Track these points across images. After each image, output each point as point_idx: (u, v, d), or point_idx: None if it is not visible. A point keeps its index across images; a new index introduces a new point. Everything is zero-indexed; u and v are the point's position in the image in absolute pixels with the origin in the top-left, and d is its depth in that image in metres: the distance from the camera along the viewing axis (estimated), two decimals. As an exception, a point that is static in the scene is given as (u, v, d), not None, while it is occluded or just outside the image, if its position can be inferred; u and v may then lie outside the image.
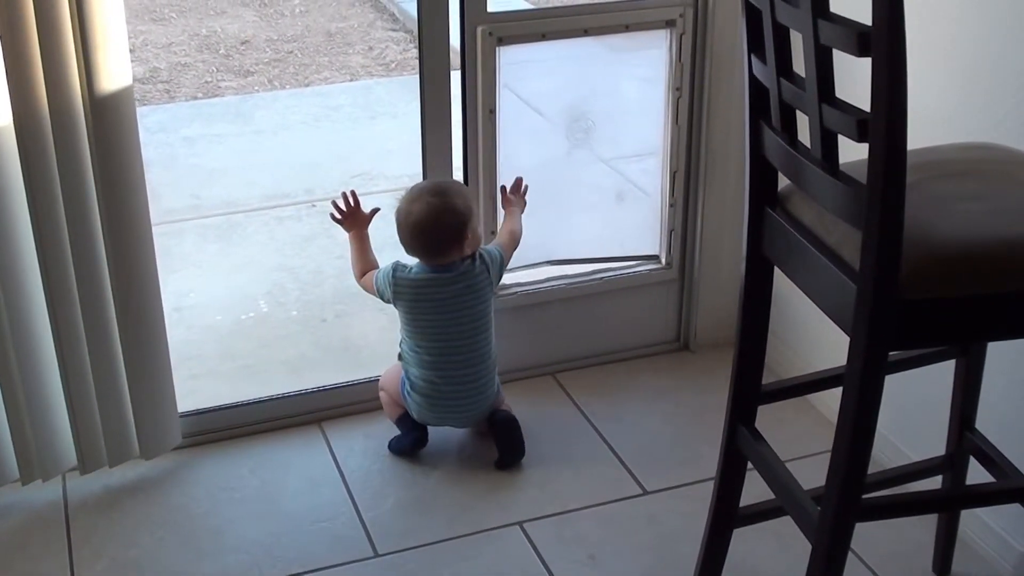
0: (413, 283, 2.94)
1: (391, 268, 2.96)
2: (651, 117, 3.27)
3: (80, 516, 2.84)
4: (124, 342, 2.78)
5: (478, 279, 2.95)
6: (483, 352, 2.99)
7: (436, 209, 2.89)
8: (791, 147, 1.89)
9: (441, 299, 2.93)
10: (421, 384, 2.98)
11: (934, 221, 1.78)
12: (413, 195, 2.93)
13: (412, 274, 2.94)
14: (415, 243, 2.93)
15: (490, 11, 2.98)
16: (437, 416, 3.02)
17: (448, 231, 2.90)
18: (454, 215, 2.90)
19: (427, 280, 2.93)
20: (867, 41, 1.57)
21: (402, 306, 2.96)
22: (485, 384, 3.01)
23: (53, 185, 2.57)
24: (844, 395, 1.81)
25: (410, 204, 2.91)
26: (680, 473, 2.97)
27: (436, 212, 2.89)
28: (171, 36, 7.43)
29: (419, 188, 2.95)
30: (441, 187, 2.94)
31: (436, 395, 2.98)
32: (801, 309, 2.86)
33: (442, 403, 2.99)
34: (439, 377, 2.97)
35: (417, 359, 2.98)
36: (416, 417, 3.03)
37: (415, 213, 2.89)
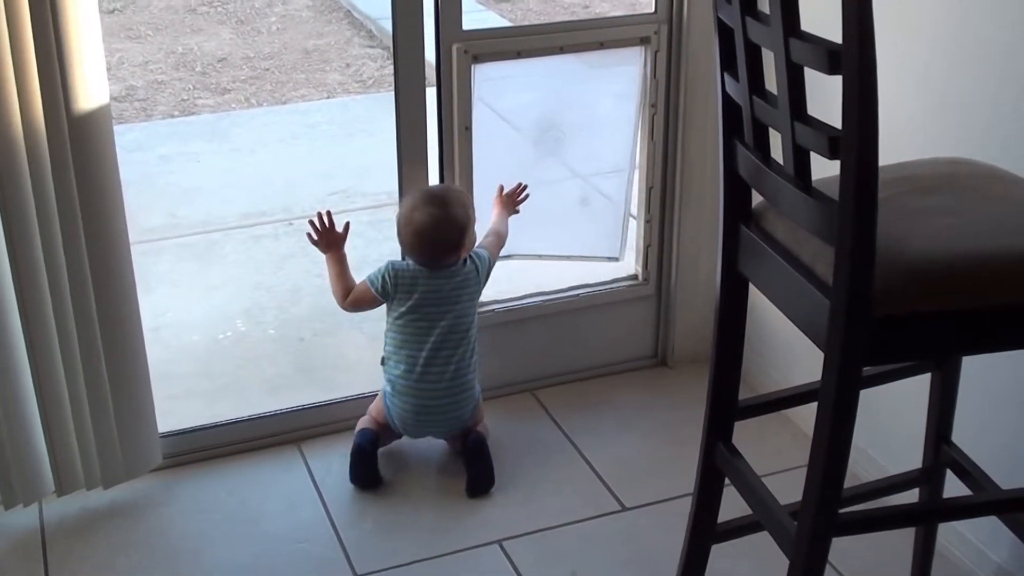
0: (414, 273, 2.97)
1: (388, 264, 3.00)
2: (627, 134, 3.27)
3: (57, 538, 2.83)
4: (103, 363, 2.76)
5: (468, 279, 2.98)
6: (468, 355, 3.00)
7: (436, 220, 2.92)
8: (764, 164, 1.89)
9: (439, 292, 2.96)
10: (408, 386, 2.97)
11: (907, 236, 1.78)
12: (415, 203, 2.95)
13: (411, 267, 2.98)
14: (414, 249, 2.97)
15: (465, 29, 2.98)
16: (420, 423, 3.01)
17: (446, 243, 2.95)
18: (453, 226, 2.94)
19: (425, 273, 2.97)
20: (837, 59, 1.58)
21: (400, 299, 2.97)
22: (468, 389, 3.01)
23: (28, 204, 2.56)
24: (819, 410, 1.81)
25: (411, 212, 2.94)
26: (658, 489, 2.97)
27: (436, 223, 2.93)
28: (147, 54, 7.42)
29: (420, 196, 2.97)
30: (441, 196, 2.97)
31: (421, 400, 2.98)
32: (777, 324, 2.87)
33: (426, 409, 2.98)
34: (429, 376, 2.97)
35: (405, 357, 2.98)
36: (398, 426, 3.02)
37: (416, 222, 2.93)
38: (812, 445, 1.84)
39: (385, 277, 2.98)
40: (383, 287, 2.98)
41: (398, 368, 3.00)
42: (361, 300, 3.04)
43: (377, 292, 3.00)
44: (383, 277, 2.98)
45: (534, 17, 7.92)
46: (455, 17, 2.96)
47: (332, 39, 7.75)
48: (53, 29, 2.45)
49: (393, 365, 3.01)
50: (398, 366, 2.99)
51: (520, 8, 8.14)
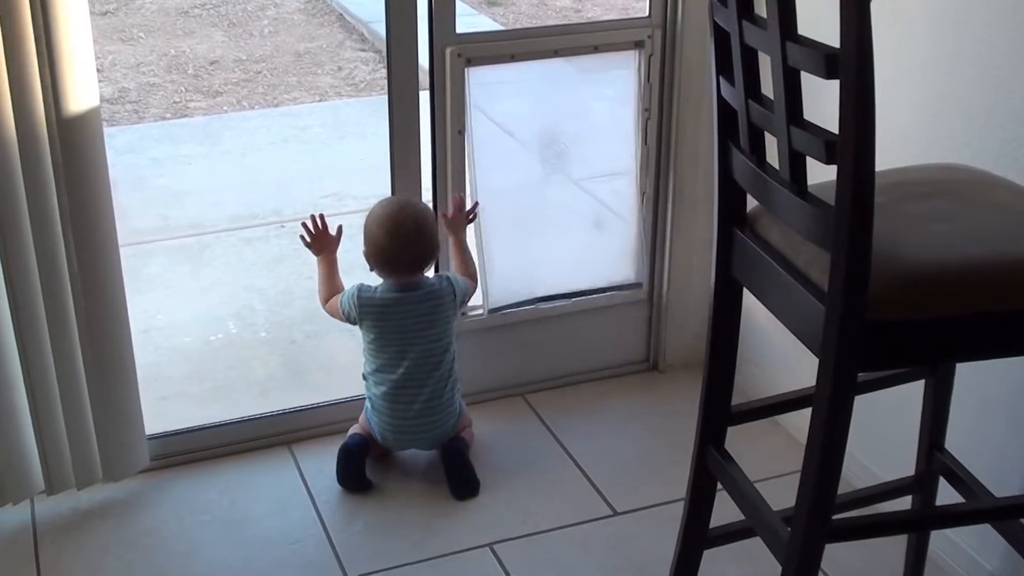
0: (379, 303, 2.94)
1: (355, 289, 2.97)
2: (620, 138, 3.27)
3: (48, 539, 2.82)
4: (91, 364, 2.76)
5: (444, 299, 2.96)
6: (446, 372, 2.99)
7: (408, 227, 2.92)
8: (759, 169, 1.89)
9: (408, 318, 2.94)
10: (384, 406, 2.97)
11: (902, 242, 1.78)
12: (381, 213, 2.94)
13: (378, 294, 2.95)
14: (387, 260, 2.95)
15: (459, 32, 2.98)
16: (401, 439, 3.01)
17: (420, 247, 2.94)
18: (426, 230, 2.94)
19: (394, 300, 2.94)
20: (835, 63, 1.58)
21: (367, 326, 2.96)
22: (448, 404, 3.01)
23: (19, 205, 2.56)
24: (813, 416, 1.81)
25: (379, 224, 2.93)
26: (650, 494, 2.97)
27: (408, 230, 2.92)
28: (139, 56, 7.41)
29: (385, 207, 2.96)
30: (407, 203, 2.96)
31: (400, 417, 2.98)
32: (770, 330, 2.87)
33: (406, 425, 2.98)
34: (403, 399, 2.96)
35: (381, 379, 2.98)
36: (380, 440, 3.02)
37: (386, 229, 2.92)
38: (806, 450, 1.84)
39: (350, 304, 2.98)
40: (348, 312, 2.99)
41: (376, 388, 3.00)
42: (333, 313, 3.06)
43: (344, 315, 3.01)
44: (349, 303, 2.98)
45: (526, 21, 7.92)
46: (449, 20, 2.96)
47: (324, 42, 7.74)
48: (44, 30, 2.44)
49: (372, 384, 3.02)
50: (376, 386, 3.00)
51: (512, 12, 8.14)
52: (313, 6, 8.55)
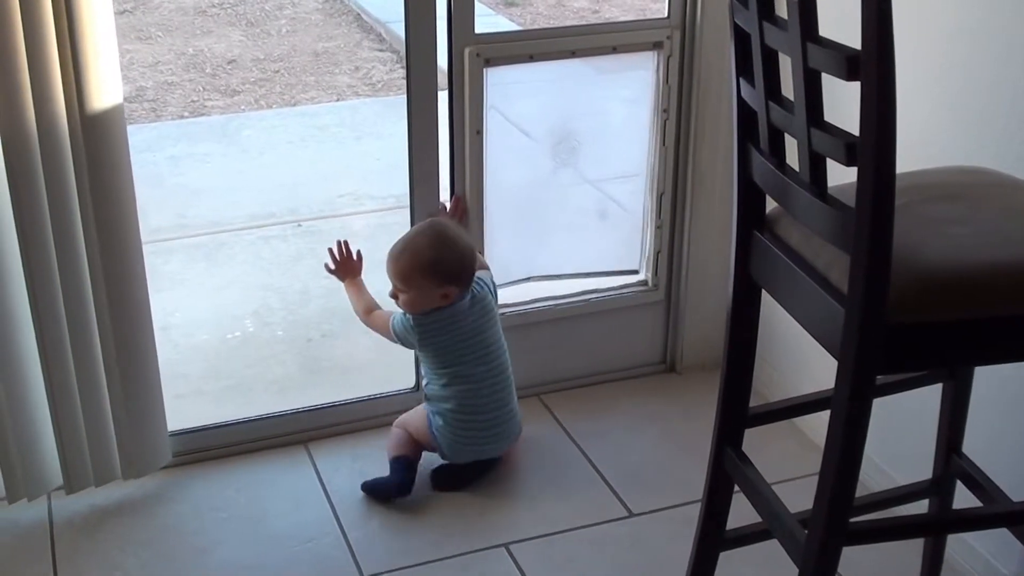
0: (436, 320, 2.92)
1: (405, 316, 2.95)
2: (638, 139, 3.27)
3: (65, 536, 2.83)
4: (113, 361, 2.77)
5: (487, 301, 2.98)
6: (509, 372, 3.02)
7: (451, 233, 2.94)
8: (779, 170, 1.89)
9: (465, 327, 2.93)
10: (463, 419, 2.96)
11: (922, 245, 1.78)
12: (420, 240, 2.92)
13: (431, 313, 2.93)
14: (452, 273, 2.90)
15: (477, 32, 2.98)
16: (476, 449, 3.00)
17: (470, 249, 2.95)
18: (463, 233, 2.96)
19: (447, 314, 2.92)
20: (856, 65, 1.57)
21: (431, 345, 2.94)
22: (515, 404, 3.04)
23: (41, 204, 2.57)
24: (831, 419, 1.81)
25: (428, 246, 2.91)
26: (666, 495, 2.97)
27: (453, 234, 2.94)
28: (157, 55, 7.43)
29: (423, 234, 2.94)
30: (430, 220, 2.96)
31: (477, 426, 2.97)
32: (787, 331, 2.86)
33: (487, 435, 2.98)
34: (483, 408, 2.96)
35: (453, 393, 2.95)
36: (449, 456, 3.00)
37: (438, 245, 2.90)
38: (824, 453, 1.83)
39: (406, 330, 2.95)
40: (404, 337, 2.96)
41: (448, 403, 2.96)
42: (379, 329, 3.04)
43: (399, 340, 2.98)
44: (404, 328, 2.95)
45: (543, 22, 7.92)
46: (467, 21, 2.96)
47: (342, 42, 7.75)
48: (68, 29, 2.45)
49: (441, 400, 2.97)
50: (448, 400, 2.96)
51: (529, 12, 8.14)
52: (331, 6, 8.56)
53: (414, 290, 2.90)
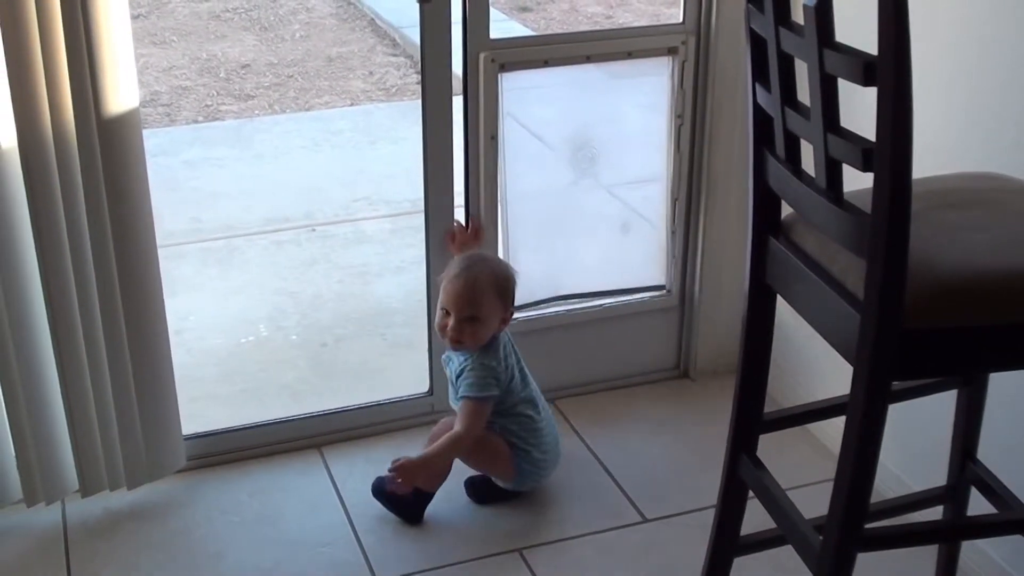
0: (500, 347, 2.91)
1: (485, 364, 2.87)
2: (652, 144, 3.27)
3: (80, 539, 2.83)
4: (129, 365, 2.77)
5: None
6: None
7: (496, 258, 2.99)
8: (795, 176, 1.89)
9: (510, 355, 2.95)
10: (546, 449, 2.96)
11: (938, 251, 1.77)
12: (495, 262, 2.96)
13: (494, 343, 2.91)
14: (509, 292, 2.92)
15: (492, 38, 2.98)
16: (545, 475, 3.01)
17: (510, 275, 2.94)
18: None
19: (503, 340, 2.93)
20: (873, 70, 1.57)
21: (506, 378, 2.91)
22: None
23: (57, 206, 2.57)
24: (847, 424, 1.81)
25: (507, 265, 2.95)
26: (680, 501, 2.96)
27: (499, 260, 2.98)
28: (172, 60, 7.45)
29: (491, 260, 2.95)
30: (468, 255, 2.96)
31: (554, 451, 3.00)
32: (801, 337, 2.86)
33: (554, 458, 3.00)
34: (546, 431, 2.97)
35: (532, 425, 2.94)
36: (531, 486, 2.97)
37: (496, 265, 2.93)
38: (839, 459, 1.83)
39: (494, 377, 2.87)
40: (499, 382, 2.89)
41: (533, 437, 2.94)
42: (485, 413, 2.89)
43: (500, 391, 2.90)
44: (493, 378, 2.87)
45: (557, 27, 7.93)
46: (482, 26, 2.96)
47: (356, 47, 7.76)
48: (84, 33, 2.45)
49: (525, 442, 2.93)
50: (532, 435, 2.94)
51: (543, 17, 8.14)
52: (345, 11, 8.58)
53: (484, 312, 2.85)
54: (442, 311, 2.88)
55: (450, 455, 2.86)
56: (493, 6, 2.98)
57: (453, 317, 2.85)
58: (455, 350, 2.91)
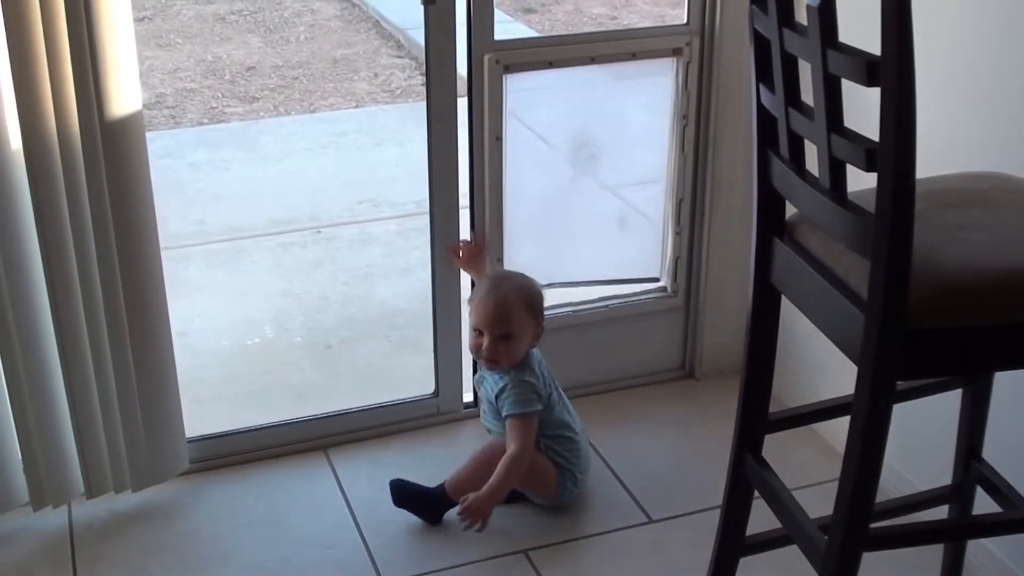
0: (535, 362, 2.93)
1: (524, 381, 2.88)
2: (656, 145, 3.27)
3: (85, 541, 2.84)
4: (132, 367, 2.77)
5: None
6: None
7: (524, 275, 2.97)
8: (799, 176, 1.89)
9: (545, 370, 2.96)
10: (585, 468, 2.97)
11: (941, 251, 1.78)
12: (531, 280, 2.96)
13: (529, 360, 2.92)
14: (540, 308, 2.95)
15: (497, 39, 2.99)
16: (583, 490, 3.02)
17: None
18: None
19: (538, 356, 2.95)
20: (876, 71, 1.58)
21: (546, 393, 2.92)
22: None
23: (61, 209, 2.58)
24: (852, 424, 1.81)
25: (509, 283, 2.93)
26: (686, 501, 2.96)
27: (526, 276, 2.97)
28: (177, 62, 7.45)
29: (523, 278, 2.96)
30: (497, 272, 2.99)
31: (589, 467, 3.00)
32: (806, 337, 2.86)
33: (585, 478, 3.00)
34: (587, 447, 3.00)
35: (573, 445, 2.94)
36: (565, 503, 2.96)
37: (524, 281, 2.95)
38: (844, 459, 1.83)
39: (538, 386, 2.88)
40: (540, 397, 2.89)
41: (574, 456, 2.94)
42: (535, 431, 2.89)
43: (543, 405, 2.90)
44: (537, 390, 2.88)
45: (561, 28, 7.93)
46: (487, 27, 2.97)
47: (360, 49, 7.77)
48: (87, 35, 2.46)
49: (568, 463, 2.93)
50: (572, 455, 2.94)
51: (547, 19, 8.14)
52: (349, 13, 8.58)
53: (517, 328, 2.87)
54: (474, 332, 2.90)
55: (512, 478, 2.82)
56: (497, 7, 2.98)
57: (487, 336, 2.86)
58: (491, 370, 2.91)
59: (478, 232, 3.13)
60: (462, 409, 3.28)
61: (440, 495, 2.89)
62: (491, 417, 2.96)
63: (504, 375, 2.89)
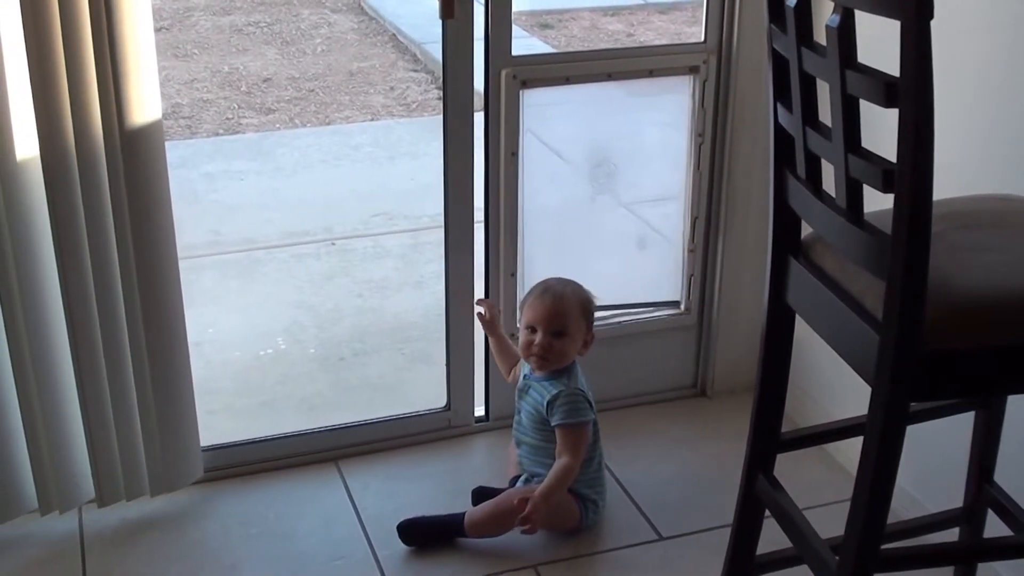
0: (581, 373, 2.93)
1: (577, 391, 2.87)
2: (672, 162, 3.27)
3: (96, 549, 2.84)
4: (148, 376, 2.78)
5: None
6: None
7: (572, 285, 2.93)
8: (815, 196, 1.89)
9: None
10: (605, 495, 2.97)
11: (956, 272, 1.78)
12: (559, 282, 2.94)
13: (575, 367, 2.92)
14: (592, 314, 2.94)
15: (514, 55, 2.99)
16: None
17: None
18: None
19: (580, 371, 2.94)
20: (895, 92, 1.58)
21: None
22: None
23: (78, 217, 2.58)
24: (865, 445, 1.81)
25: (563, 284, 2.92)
26: (696, 519, 2.96)
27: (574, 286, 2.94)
28: (193, 72, 7.48)
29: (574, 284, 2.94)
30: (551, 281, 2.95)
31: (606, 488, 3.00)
32: (818, 357, 2.85)
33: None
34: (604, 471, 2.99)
35: (596, 474, 2.94)
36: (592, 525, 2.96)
37: (578, 286, 2.93)
38: (856, 479, 1.83)
39: (589, 396, 2.89)
40: (592, 406, 2.89)
41: (599, 484, 2.95)
42: (588, 441, 2.88)
43: (595, 415, 2.90)
44: (589, 400, 2.88)
45: (578, 44, 7.93)
46: (505, 43, 2.97)
47: (377, 62, 7.78)
48: (108, 43, 2.47)
49: (593, 489, 2.93)
50: (598, 484, 2.95)
51: (563, 35, 8.15)
52: (366, 26, 8.60)
53: (572, 327, 2.86)
54: (527, 331, 2.87)
55: (564, 485, 2.81)
56: (514, 23, 2.99)
57: (540, 333, 2.84)
58: (539, 368, 2.89)
59: (490, 302, 3.13)
60: (473, 423, 3.28)
61: (456, 526, 2.86)
62: (529, 429, 2.92)
63: (555, 383, 2.86)
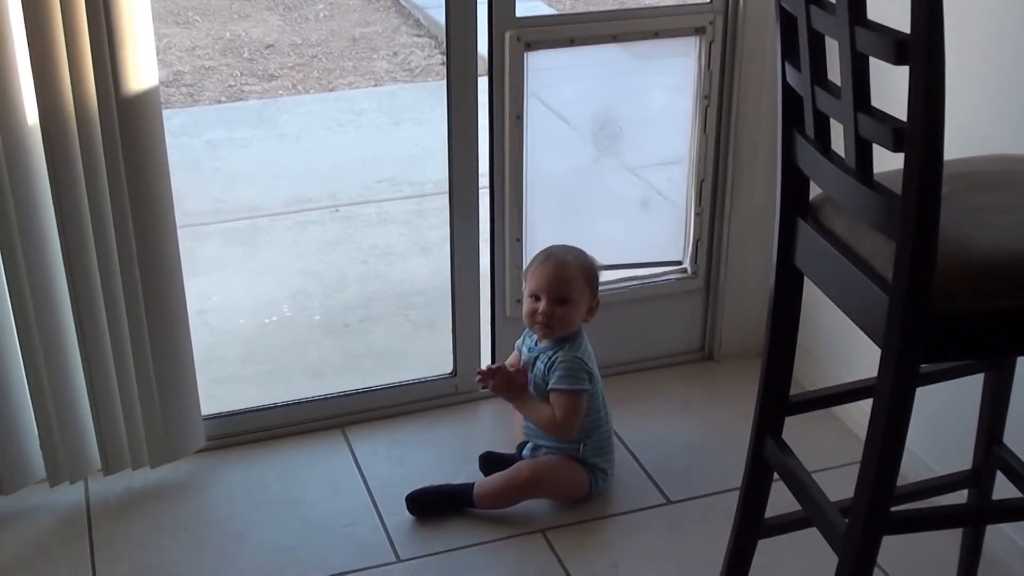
0: (586, 342, 2.91)
1: (576, 358, 2.85)
2: (678, 126, 3.25)
3: (102, 518, 2.84)
4: (148, 344, 2.77)
5: None
6: None
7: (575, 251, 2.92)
8: (824, 156, 1.88)
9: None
10: (613, 461, 2.96)
11: (967, 233, 1.76)
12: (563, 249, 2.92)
13: (581, 335, 2.91)
14: (596, 281, 2.93)
15: (518, 16, 2.97)
16: None
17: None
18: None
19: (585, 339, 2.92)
20: (905, 49, 1.56)
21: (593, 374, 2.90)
22: None
23: (78, 186, 2.57)
24: (874, 407, 1.79)
25: (568, 251, 2.91)
26: (704, 483, 2.96)
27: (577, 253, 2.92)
28: (195, 40, 7.45)
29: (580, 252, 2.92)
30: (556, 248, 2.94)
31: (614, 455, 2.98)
32: (826, 320, 2.84)
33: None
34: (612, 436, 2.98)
35: (606, 443, 2.93)
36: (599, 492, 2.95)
37: (582, 253, 2.92)
38: (866, 442, 1.82)
39: (589, 366, 2.87)
40: (591, 376, 2.87)
41: (608, 449, 2.93)
42: (582, 412, 2.85)
43: (592, 386, 2.88)
44: (588, 369, 2.86)
45: (582, 6, 7.91)
46: (508, 4, 2.95)
47: (380, 27, 7.76)
48: (104, 11, 2.45)
49: (597, 455, 2.91)
50: (607, 450, 2.94)
51: (568, -3, 8.13)
52: (369, -9, 8.58)
53: (576, 294, 2.85)
54: (530, 298, 2.86)
55: (540, 425, 2.84)
56: (518, -16, 2.97)
57: (544, 301, 2.83)
58: (544, 336, 2.88)
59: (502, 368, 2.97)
60: (480, 389, 3.27)
61: (465, 498, 2.86)
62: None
63: (557, 349, 2.86)
